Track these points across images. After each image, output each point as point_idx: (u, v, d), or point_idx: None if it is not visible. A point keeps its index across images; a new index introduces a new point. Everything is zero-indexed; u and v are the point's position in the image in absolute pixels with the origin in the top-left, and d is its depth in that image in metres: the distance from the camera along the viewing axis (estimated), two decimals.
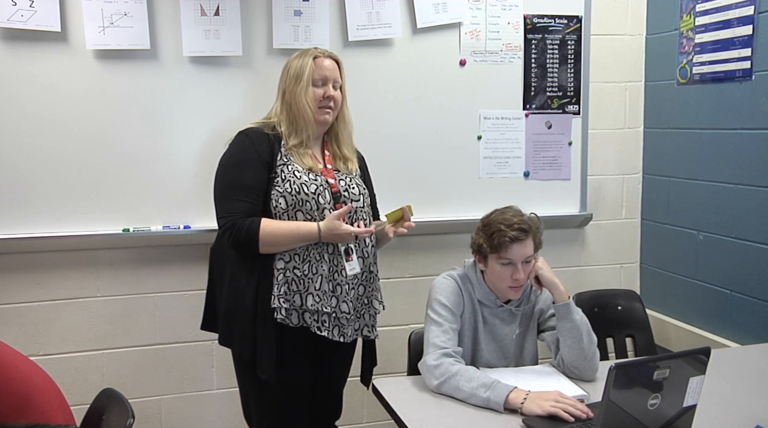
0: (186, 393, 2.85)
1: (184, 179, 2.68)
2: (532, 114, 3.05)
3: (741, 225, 2.72)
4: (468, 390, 1.91)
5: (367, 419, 3.05)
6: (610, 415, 1.51)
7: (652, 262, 3.26)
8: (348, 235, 2.12)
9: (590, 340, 2.09)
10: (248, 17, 2.68)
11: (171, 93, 2.64)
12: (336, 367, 2.37)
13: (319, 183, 2.18)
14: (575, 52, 3.08)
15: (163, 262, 2.75)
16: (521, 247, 2.07)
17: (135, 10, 2.54)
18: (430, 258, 3.01)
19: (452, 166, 2.97)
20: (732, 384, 2.07)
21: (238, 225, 2.11)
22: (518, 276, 2.08)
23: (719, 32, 2.77)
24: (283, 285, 2.14)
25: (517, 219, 2.08)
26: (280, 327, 2.15)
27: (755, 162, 2.65)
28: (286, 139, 2.21)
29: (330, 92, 2.21)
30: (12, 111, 2.50)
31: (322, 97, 2.21)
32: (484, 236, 2.10)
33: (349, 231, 2.11)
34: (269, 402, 2.21)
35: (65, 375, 2.63)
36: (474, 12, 2.93)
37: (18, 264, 2.61)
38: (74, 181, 2.58)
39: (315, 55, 2.23)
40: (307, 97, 2.19)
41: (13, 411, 1.54)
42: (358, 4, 2.77)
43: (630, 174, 3.27)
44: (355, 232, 2.12)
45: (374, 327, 2.32)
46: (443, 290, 2.13)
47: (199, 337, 2.74)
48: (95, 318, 2.72)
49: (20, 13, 2.43)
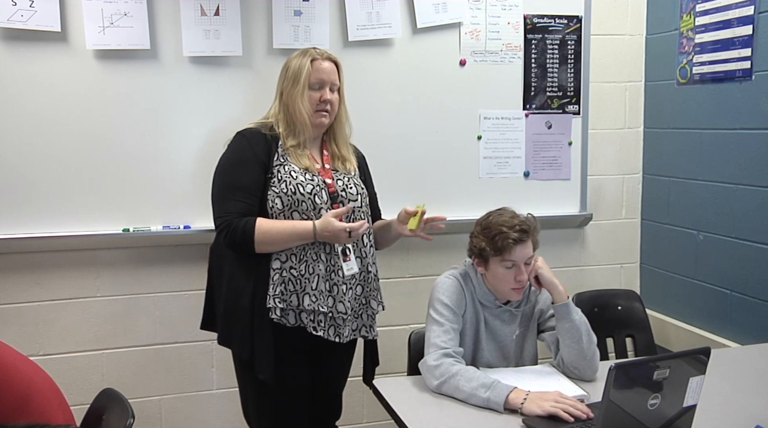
0: (186, 393, 2.85)
1: (184, 179, 2.68)
2: (532, 114, 3.05)
3: (741, 225, 2.72)
4: (468, 390, 1.91)
5: (367, 419, 3.05)
6: (610, 415, 1.51)
7: (652, 262, 3.26)
8: (341, 232, 2.09)
9: (590, 340, 2.09)
10: (248, 17, 2.68)
11: (171, 93, 2.64)
12: (335, 367, 2.37)
13: (316, 183, 2.18)
14: (575, 52, 3.08)
15: (163, 262, 2.75)
16: (524, 248, 2.07)
17: (135, 10, 2.54)
18: (430, 258, 3.01)
19: (452, 166, 2.97)
20: (732, 384, 2.07)
21: (234, 225, 2.11)
22: (521, 277, 2.08)
23: (719, 32, 2.77)
24: (280, 285, 2.14)
25: (518, 221, 2.08)
26: (278, 327, 2.15)
27: (755, 162, 2.65)
28: (284, 140, 2.21)
29: (326, 96, 2.21)
30: (12, 111, 2.50)
31: (318, 100, 2.21)
32: (486, 239, 2.09)
33: (342, 228, 2.09)
34: (268, 402, 2.21)
35: (65, 375, 2.63)
36: (474, 12, 2.93)
37: (18, 264, 2.61)
38: (74, 181, 2.58)
39: (313, 57, 2.22)
40: (303, 101, 2.19)
41: (13, 411, 1.54)
42: (358, 4, 2.77)
43: (630, 174, 3.27)
44: (348, 228, 2.10)
45: (372, 327, 2.32)
46: (445, 290, 2.13)
47: (199, 337, 2.74)
48: (95, 318, 2.72)
49: (20, 13, 2.43)
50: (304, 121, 2.20)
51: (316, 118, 2.22)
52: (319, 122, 2.23)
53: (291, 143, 2.20)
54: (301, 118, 2.20)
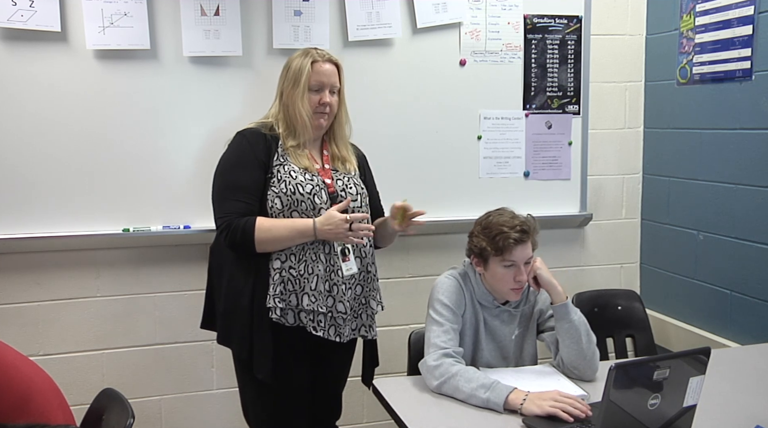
0: (186, 393, 2.85)
1: (184, 179, 2.68)
2: (532, 114, 3.05)
3: (741, 225, 2.72)
4: (468, 391, 1.91)
5: (367, 419, 3.05)
6: (610, 415, 1.51)
7: (652, 262, 3.26)
8: (341, 223, 2.10)
9: (589, 340, 2.09)
10: (248, 17, 2.68)
11: (171, 93, 2.64)
12: (335, 368, 2.37)
13: (315, 183, 2.18)
14: (575, 52, 3.08)
15: (163, 262, 2.75)
16: (524, 249, 2.07)
17: (135, 10, 2.54)
18: (430, 258, 3.01)
19: (452, 166, 2.97)
20: (732, 384, 2.07)
21: (234, 224, 2.12)
22: (521, 277, 2.08)
23: (719, 32, 2.77)
24: (279, 285, 2.14)
25: (518, 221, 2.09)
26: (277, 327, 2.15)
27: (755, 162, 2.65)
28: (283, 140, 2.21)
29: (325, 99, 2.22)
30: (12, 111, 2.50)
31: (317, 103, 2.21)
32: (486, 239, 2.09)
33: (343, 218, 2.10)
34: (267, 401, 2.22)
35: (65, 375, 2.63)
36: (474, 12, 2.93)
37: (18, 264, 2.61)
38: (74, 181, 2.58)
39: (314, 59, 2.21)
40: (303, 103, 2.19)
41: (13, 411, 1.54)
42: (358, 4, 2.77)
43: (630, 174, 3.27)
44: (349, 217, 2.11)
45: (371, 327, 2.32)
46: (445, 290, 2.13)
47: (199, 337, 2.74)
48: (95, 318, 2.72)
49: (20, 13, 2.43)
50: (304, 123, 2.21)
51: (315, 119, 2.22)
52: (317, 124, 2.24)
53: (291, 144, 2.21)
54: (301, 119, 2.20)
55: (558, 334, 2.12)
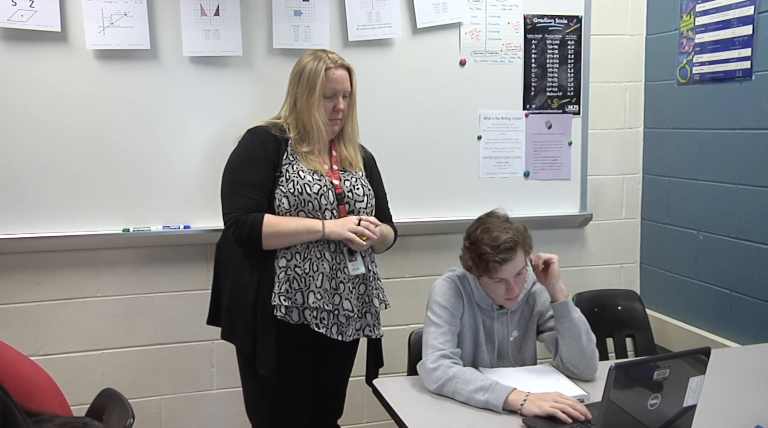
0: (186, 393, 2.85)
1: (183, 179, 2.68)
2: (532, 114, 3.05)
3: (741, 225, 2.72)
4: (466, 393, 1.91)
5: (367, 419, 3.05)
6: (610, 415, 1.51)
7: (652, 262, 3.26)
8: (348, 222, 2.15)
9: (589, 339, 2.09)
10: (248, 17, 2.68)
11: (171, 93, 2.64)
12: (337, 367, 2.37)
13: (323, 183, 2.19)
14: (575, 52, 3.08)
15: (163, 262, 2.75)
16: (512, 265, 2.02)
17: (135, 10, 2.54)
18: (430, 258, 3.01)
19: (452, 166, 2.97)
20: (732, 384, 2.07)
21: (241, 220, 2.12)
22: (512, 293, 2.06)
23: (719, 32, 2.77)
24: (285, 283, 2.15)
25: (504, 238, 2.00)
26: (281, 325, 2.16)
27: (755, 162, 2.65)
28: (294, 144, 2.22)
29: (339, 106, 2.23)
30: (12, 111, 2.50)
31: (331, 109, 2.22)
32: (473, 259, 2.05)
33: (353, 219, 2.15)
34: (269, 398, 2.22)
35: (65, 375, 2.63)
36: (474, 12, 2.93)
37: (18, 264, 2.61)
38: (74, 180, 2.58)
39: (327, 67, 2.20)
40: (319, 112, 2.20)
41: None
42: (358, 4, 2.77)
43: (630, 174, 3.27)
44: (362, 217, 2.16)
45: (376, 326, 2.33)
46: (443, 292, 2.13)
47: (199, 337, 2.74)
48: (95, 318, 2.72)
49: (20, 13, 2.43)
50: (320, 131, 2.21)
51: (329, 126, 2.24)
52: (332, 130, 2.26)
53: (303, 149, 2.22)
54: (317, 127, 2.21)
55: (558, 333, 2.11)
